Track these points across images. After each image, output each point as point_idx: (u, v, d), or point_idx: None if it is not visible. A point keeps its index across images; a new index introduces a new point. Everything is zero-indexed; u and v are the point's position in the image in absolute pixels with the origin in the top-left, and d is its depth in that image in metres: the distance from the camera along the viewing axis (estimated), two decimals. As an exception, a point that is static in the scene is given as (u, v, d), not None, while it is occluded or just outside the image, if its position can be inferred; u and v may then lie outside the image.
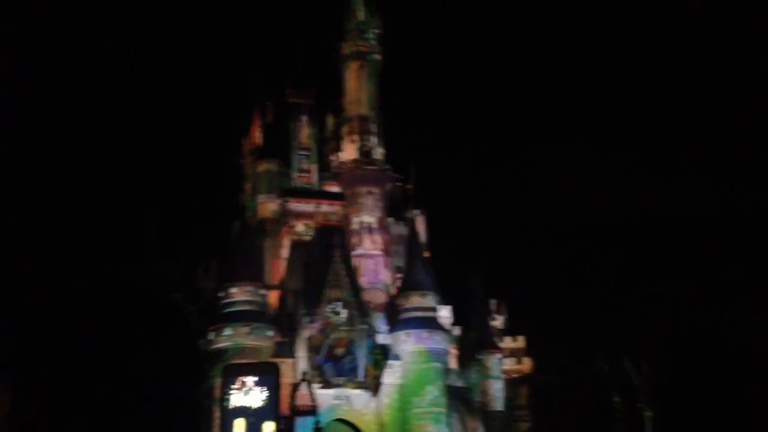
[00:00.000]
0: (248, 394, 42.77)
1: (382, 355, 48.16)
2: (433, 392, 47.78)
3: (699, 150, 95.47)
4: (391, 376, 48.21)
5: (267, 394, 42.98)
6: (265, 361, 45.02)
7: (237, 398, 42.93)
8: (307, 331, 47.45)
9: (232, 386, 43.60)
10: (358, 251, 53.42)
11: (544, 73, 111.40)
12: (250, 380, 43.34)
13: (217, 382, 44.45)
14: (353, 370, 47.39)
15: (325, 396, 45.74)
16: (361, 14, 59.20)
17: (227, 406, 43.19)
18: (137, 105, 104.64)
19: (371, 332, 48.43)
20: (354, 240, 53.77)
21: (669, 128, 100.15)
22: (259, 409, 42.63)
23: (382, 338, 48.93)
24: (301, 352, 47.06)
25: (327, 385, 46.44)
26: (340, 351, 47.51)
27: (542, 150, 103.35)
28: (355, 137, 56.51)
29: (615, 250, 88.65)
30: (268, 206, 54.55)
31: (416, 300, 50.18)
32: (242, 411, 42.95)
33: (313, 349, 47.12)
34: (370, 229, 54.20)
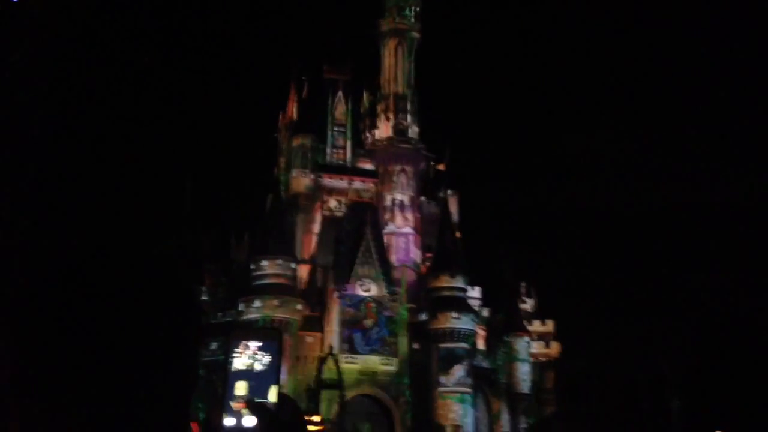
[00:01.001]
0: (251, 359, 43.37)
1: (398, 327, 48.10)
2: (459, 372, 47.88)
3: (734, 139, 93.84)
4: (418, 355, 48.39)
5: (269, 359, 43.46)
6: (269, 328, 45.46)
7: (240, 361, 43.45)
8: (337, 305, 47.71)
9: (236, 350, 44.12)
10: (389, 228, 53.59)
11: (583, 56, 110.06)
12: (254, 345, 43.85)
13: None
14: (380, 342, 47.58)
15: (350, 371, 46.05)
16: (400, -9, 58.86)
17: (230, 369, 43.71)
18: (176, 78, 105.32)
19: (397, 309, 48.51)
20: (386, 217, 53.95)
21: (704, 117, 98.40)
22: (261, 372, 43.16)
23: (410, 316, 49.05)
24: (330, 326, 47.38)
25: (354, 354, 46.65)
26: (368, 323, 47.75)
27: (578, 134, 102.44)
28: (391, 115, 56.47)
29: (648, 237, 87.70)
30: (302, 181, 54.83)
31: (446, 280, 50.21)
32: (244, 374, 43.51)
33: (343, 323, 47.41)
34: (402, 207, 54.31)
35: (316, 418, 39.13)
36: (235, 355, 45.73)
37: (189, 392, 45.95)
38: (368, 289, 48.85)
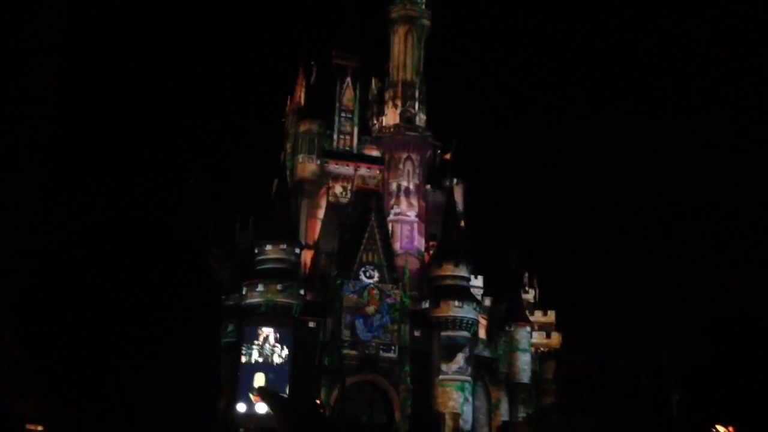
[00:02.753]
0: (268, 350, 43.58)
1: (400, 314, 48.06)
2: (459, 361, 48.10)
3: (739, 134, 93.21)
4: (419, 342, 48.54)
5: (287, 352, 43.83)
6: (284, 315, 45.58)
7: (257, 353, 43.74)
8: (340, 291, 47.83)
9: (255, 341, 44.33)
10: (393, 214, 53.64)
11: (591, 46, 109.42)
12: (271, 337, 44.11)
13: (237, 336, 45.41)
14: (382, 329, 47.64)
15: (351, 357, 46.24)
16: (411, -23, 58.58)
17: (249, 359, 43.95)
18: (185, 62, 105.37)
19: (400, 296, 48.55)
20: (390, 203, 54.05)
21: (712, 110, 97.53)
22: (280, 365, 43.48)
23: (412, 304, 49.15)
24: (333, 312, 47.51)
25: (356, 340, 46.81)
26: (371, 309, 47.81)
27: (584, 125, 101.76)
28: (398, 102, 56.44)
29: (651, 230, 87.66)
30: (308, 166, 54.89)
31: (449, 268, 50.39)
32: (262, 366, 43.67)
33: (346, 309, 47.53)
34: (407, 194, 54.38)
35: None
36: (254, 346, 45.71)
37: (215, 377, 46.16)
38: (371, 276, 48.91)
